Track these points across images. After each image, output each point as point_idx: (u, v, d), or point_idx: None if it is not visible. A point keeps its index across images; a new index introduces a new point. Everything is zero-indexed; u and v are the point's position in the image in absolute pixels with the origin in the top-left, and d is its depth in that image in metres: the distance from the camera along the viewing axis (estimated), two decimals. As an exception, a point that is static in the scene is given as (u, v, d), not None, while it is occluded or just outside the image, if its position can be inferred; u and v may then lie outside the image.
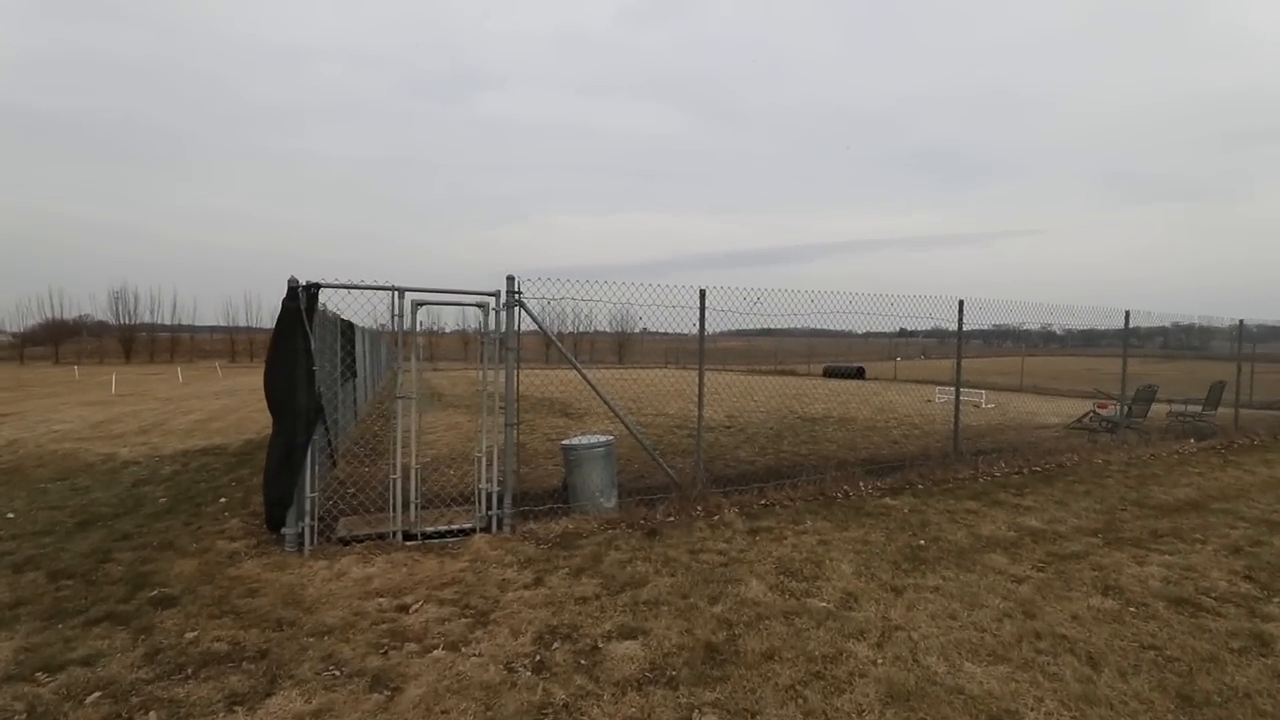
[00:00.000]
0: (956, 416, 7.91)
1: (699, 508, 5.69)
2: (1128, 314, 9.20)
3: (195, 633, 3.32)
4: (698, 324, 5.80)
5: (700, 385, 6.06)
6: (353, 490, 5.82)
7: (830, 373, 32.55)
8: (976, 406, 17.28)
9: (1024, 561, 4.36)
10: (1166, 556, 4.49)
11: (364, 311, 5.30)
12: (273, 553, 4.60)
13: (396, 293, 4.75)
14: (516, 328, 5.12)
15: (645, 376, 20.22)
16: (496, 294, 5.02)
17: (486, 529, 5.05)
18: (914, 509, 5.76)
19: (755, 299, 5.92)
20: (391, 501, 4.83)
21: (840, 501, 6.02)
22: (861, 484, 6.66)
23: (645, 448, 5.89)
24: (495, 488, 5.07)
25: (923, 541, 4.78)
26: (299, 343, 4.51)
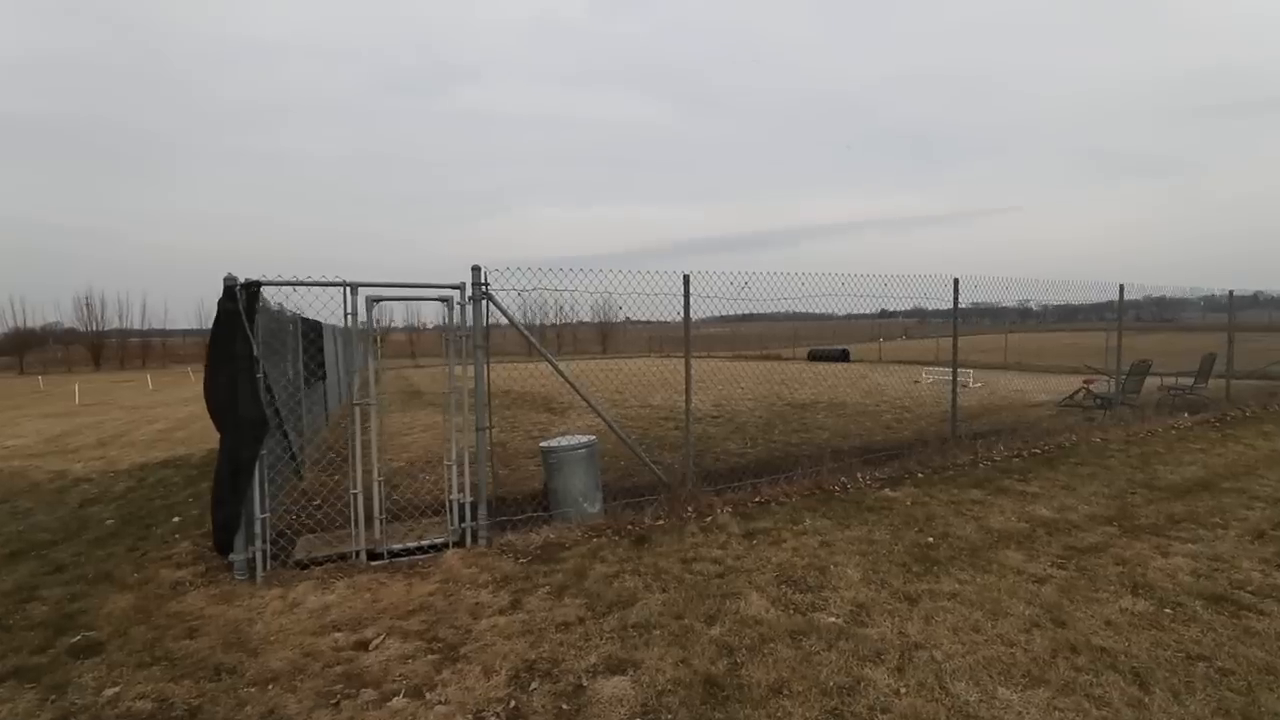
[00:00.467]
0: (954, 399, 7.63)
1: (690, 509, 5.32)
2: (1122, 288, 8.97)
3: (117, 688, 2.88)
4: (682, 311, 5.40)
5: (687, 376, 5.68)
6: (318, 503, 5.36)
7: (815, 356, 32.37)
8: (965, 386, 17.12)
9: (1041, 558, 4.05)
10: (1190, 545, 4.21)
11: (332, 310, 4.84)
12: (222, 581, 4.15)
13: (349, 289, 4.29)
14: (484, 323, 4.68)
15: (629, 366, 19.79)
16: (461, 287, 4.58)
17: (460, 543, 4.64)
18: (916, 501, 5.44)
19: (743, 283, 5.53)
20: (352, 518, 4.40)
21: (839, 495, 5.69)
22: (859, 475, 6.34)
23: (631, 446, 5.51)
24: (468, 498, 4.66)
25: (931, 539, 4.45)
26: (239, 347, 4.04)
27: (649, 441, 9.08)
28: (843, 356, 31.29)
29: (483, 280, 4.62)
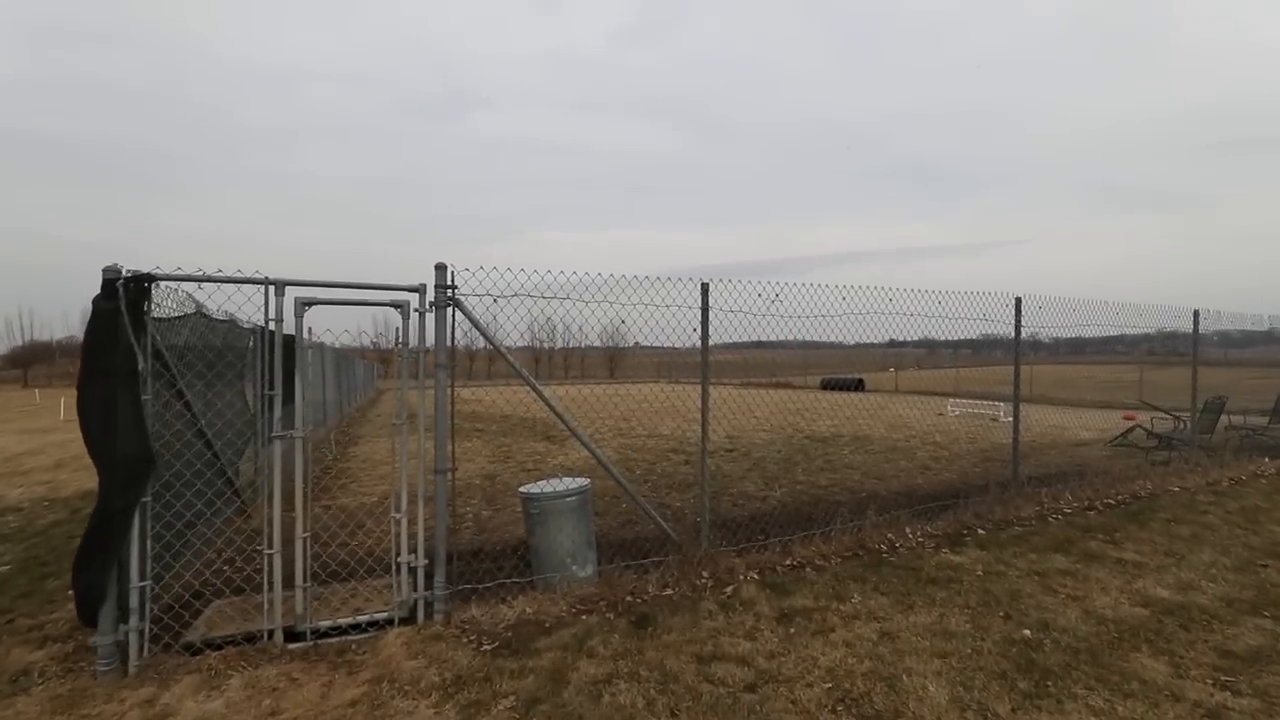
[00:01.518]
0: (1016, 439, 6.53)
1: (705, 573, 4.26)
2: (1197, 314, 7.91)
3: None
4: (698, 329, 4.39)
5: (704, 406, 4.64)
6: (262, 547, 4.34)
7: (828, 385, 31.19)
8: (995, 421, 15.99)
9: (1193, 670, 2.95)
10: (1391, 654, 3.09)
11: (331, 322, 3.88)
12: (84, 671, 3.12)
13: (273, 288, 3.32)
14: (449, 337, 3.69)
15: (637, 392, 18.82)
16: (420, 289, 3.60)
17: (410, 619, 3.59)
18: (989, 569, 4.34)
19: (772, 295, 4.54)
20: (266, 586, 3.37)
21: (888, 558, 4.60)
22: (908, 530, 5.25)
23: (633, 495, 4.45)
24: (421, 560, 3.62)
25: (1027, 631, 3.36)
26: (119, 360, 3.07)
27: (655, 478, 8.03)
28: (857, 386, 30.16)
29: (449, 282, 3.65)
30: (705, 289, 4.37)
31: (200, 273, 3.22)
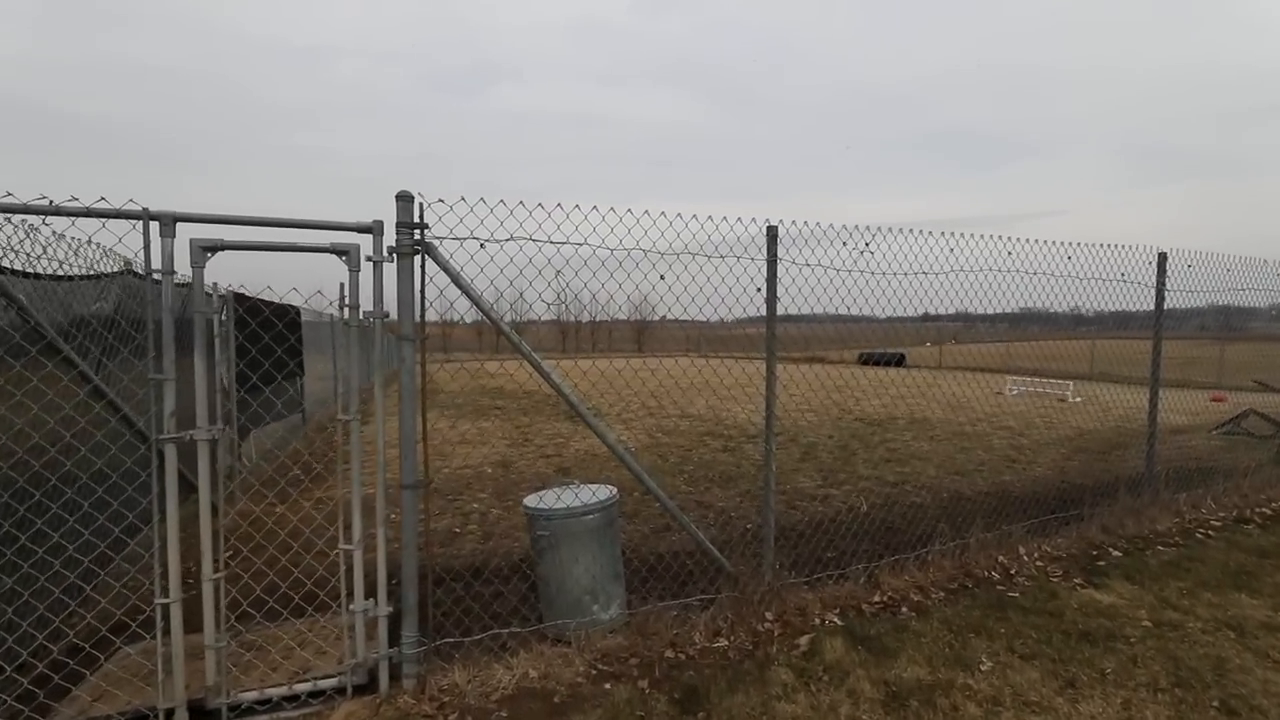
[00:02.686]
0: (1152, 433, 5.28)
1: (769, 615, 3.20)
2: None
3: None
4: (766, 285, 3.24)
5: (770, 394, 3.51)
6: (228, 553, 3.40)
7: (867, 360, 29.61)
8: (1062, 401, 14.55)
9: None
10: None
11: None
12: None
13: (156, 224, 2.27)
14: (419, 297, 2.61)
15: (666, 366, 17.69)
16: (375, 229, 2.52)
17: (367, 686, 2.60)
18: (1158, 618, 3.19)
19: (865, 243, 3.36)
20: (162, 643, 2.39)
21: (1009, 595, 3.47)
22: (1021, 550, 4.11)
23: (687, 525, 3.36)
24: (384, 609, 2.61)
25: (1278, 743, 2.22)
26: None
27: (692, 468, 6.97)
28: (899, 361, 28.56)
29: (417, 219, 2.56)
30: (772, 234, 3.21)
31: (45, 201, 2.19)
